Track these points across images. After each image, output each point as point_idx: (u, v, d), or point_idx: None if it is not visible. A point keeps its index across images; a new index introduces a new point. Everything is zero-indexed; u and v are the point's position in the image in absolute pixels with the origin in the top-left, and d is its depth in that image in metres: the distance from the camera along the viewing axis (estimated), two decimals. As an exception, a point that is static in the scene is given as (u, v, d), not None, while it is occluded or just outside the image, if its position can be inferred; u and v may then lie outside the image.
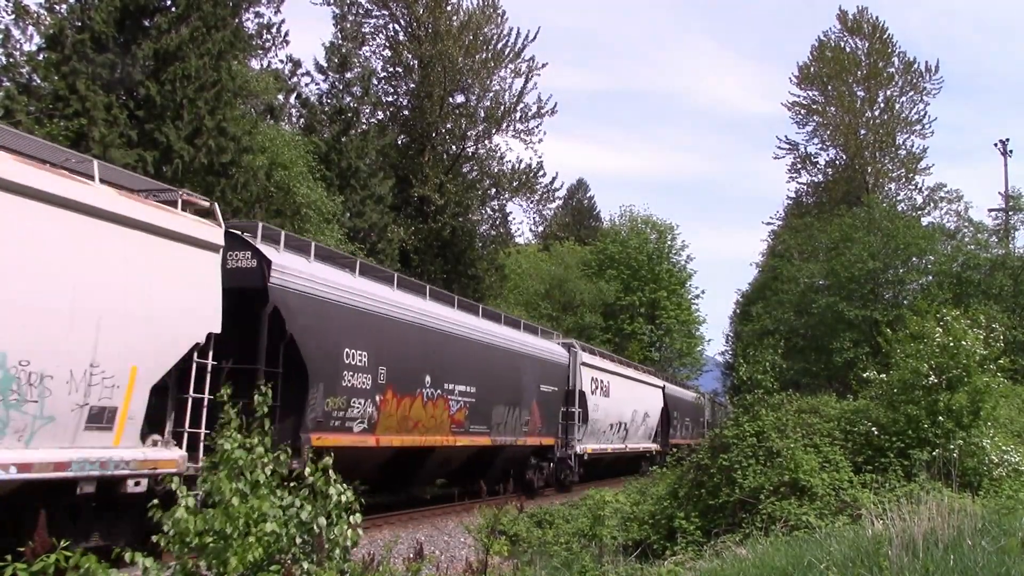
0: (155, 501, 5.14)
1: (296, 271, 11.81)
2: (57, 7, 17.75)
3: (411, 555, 6.89)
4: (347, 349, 12.65)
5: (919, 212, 38.36)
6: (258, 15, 26.75)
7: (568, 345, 23.56)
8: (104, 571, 4.40)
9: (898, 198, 41.03)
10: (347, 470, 6.39)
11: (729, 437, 13.37)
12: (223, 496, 4.99)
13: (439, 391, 15.39)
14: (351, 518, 5.53)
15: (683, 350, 53.79)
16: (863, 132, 43.89)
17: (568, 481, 22.45)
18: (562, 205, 58.31)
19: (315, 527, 5.26)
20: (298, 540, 5.24)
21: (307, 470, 5.53)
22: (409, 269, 28.82)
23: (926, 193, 41.25)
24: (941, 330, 13.73)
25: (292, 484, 5.49)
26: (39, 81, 17.00)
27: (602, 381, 24.95)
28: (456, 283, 31.26)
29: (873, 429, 13.24)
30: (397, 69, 35.29)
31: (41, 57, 17.14)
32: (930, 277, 31.91)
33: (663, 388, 32.78)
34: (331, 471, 5.53)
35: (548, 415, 21.04)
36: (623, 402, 26.74)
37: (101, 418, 8.16)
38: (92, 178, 8.51)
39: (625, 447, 27.51)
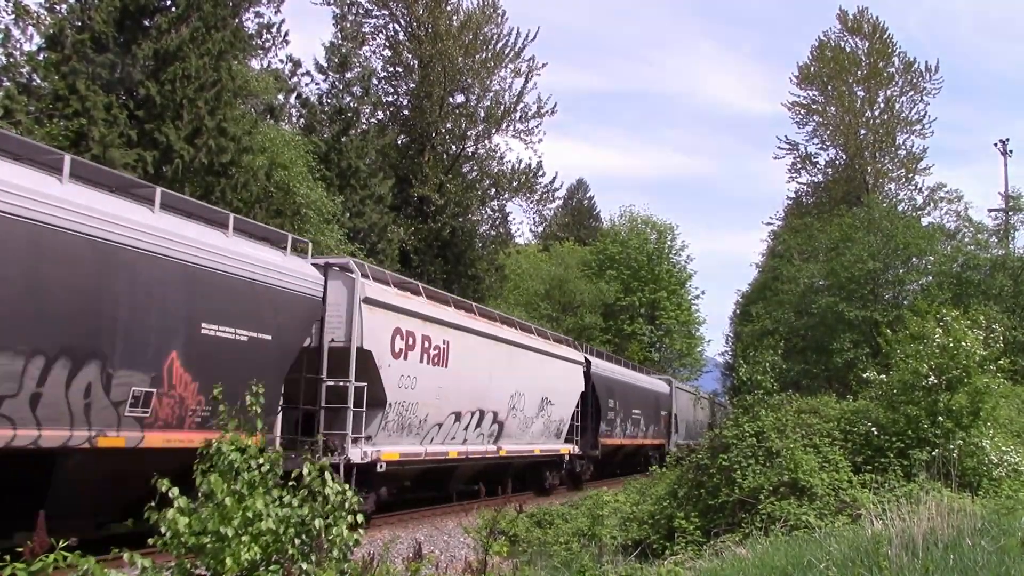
0: (151, 504, 5.14)
1: None
2: (57, 7, 17.76)
3: (411, 555, 6.89)
4: None
5: (919, 212, 38.42)
6: (258, 15, 26.80)
7: (339, 269, 13.49)
8: (101, 571, 4.40)
9: (898, 198, 41.09)
10: None
11: (729, 437, 13.38)
12: (217, 496, 4.99)
13: None
14: (351, 519, 5.51)
15: (683, 350, 53.80)
16: (863, 132, 43.90)
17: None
18: (562, 205, 58.34)
19: (314, 528, 5.25)
20: (296, 541, 5.23)
21: (305, 470, 5.52)
22: (409, 269, 28.84)
23: (926, 193, 41.38)
24: (941, 331, 13.74)
25: (292, 484, 5.49)
26: (39, 81, 17.01)
27: (429, 339, 15.00)
28: (456, 283, 31.28)
29: (873, 429, 13.25)
30: (397, 69, 35.34)
31: (41, 57, 17.15)
32: (930, 277, 31.91)
33: (586, 365, 23.63)
34: (328, 472, 5.52)
35: (240, 388, 7.72)
36: (491, 379, 17.42)
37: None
38: None
39: (497, 450, 18.08)
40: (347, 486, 5.59)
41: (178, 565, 4.90)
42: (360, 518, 5.61)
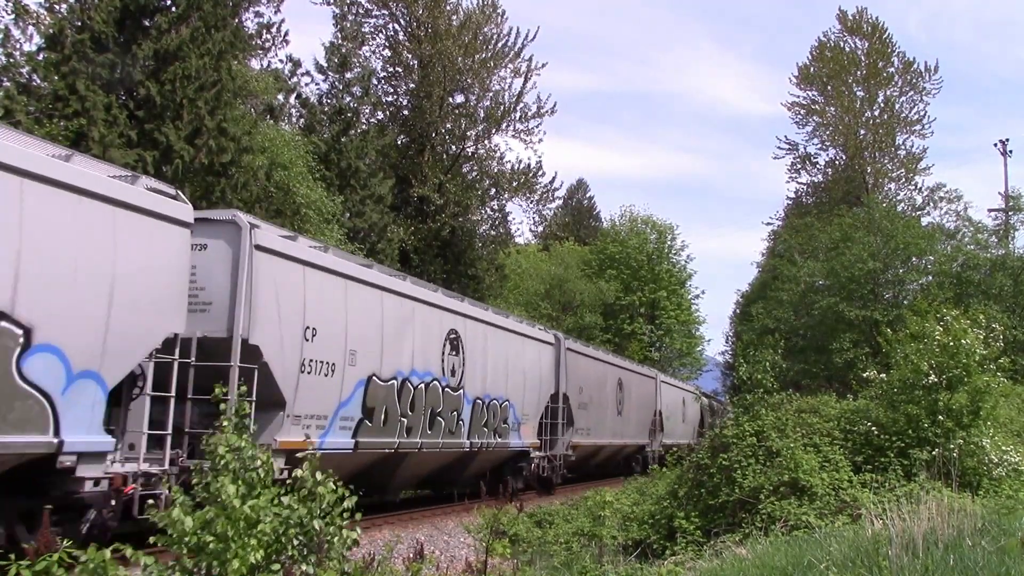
0: (151, 501, 5.14)
1: None
2: (57, 7, 17.75)
3: (411, 555, 6.89)
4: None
5: (919, 212, 38.40)
6: (258, 15, 26.76)
7: None
8: (113, 567, 4.41)
9: (898, 198, 41.07)
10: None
11: (729, 437, 13.36)
12: (224, 497, 4.97)
13: None
14: (347, 518, 5.49)
15: (683, 350, 53.77)
16: (863, 132, 43.88)
17: None
18: (562, 205, 58.36)
19: (313, 528, 5.24)
20: (295, 541, 5.23)
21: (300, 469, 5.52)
22: (409, 269, 28.82)
23: (926, 193, 41.30)
24: (941, 330, 13.72)
25: (288, 483, 5.49)
26: (39, 81, 16.99)
27: None
28: (456, 283, 31.26)
29: (873, 429, 13.22)
30: (397, 69, 35.32)
31: (41, 57, 17.13)
32: (930, 277, 31.87)
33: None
34: (321, 471, 5.51)
35: None
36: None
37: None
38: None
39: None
40: (340, 485, 5.58)
41: (181, 565, 4.89)
42: (358, 516, 5.59)
